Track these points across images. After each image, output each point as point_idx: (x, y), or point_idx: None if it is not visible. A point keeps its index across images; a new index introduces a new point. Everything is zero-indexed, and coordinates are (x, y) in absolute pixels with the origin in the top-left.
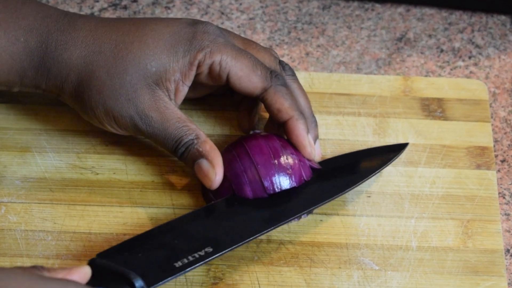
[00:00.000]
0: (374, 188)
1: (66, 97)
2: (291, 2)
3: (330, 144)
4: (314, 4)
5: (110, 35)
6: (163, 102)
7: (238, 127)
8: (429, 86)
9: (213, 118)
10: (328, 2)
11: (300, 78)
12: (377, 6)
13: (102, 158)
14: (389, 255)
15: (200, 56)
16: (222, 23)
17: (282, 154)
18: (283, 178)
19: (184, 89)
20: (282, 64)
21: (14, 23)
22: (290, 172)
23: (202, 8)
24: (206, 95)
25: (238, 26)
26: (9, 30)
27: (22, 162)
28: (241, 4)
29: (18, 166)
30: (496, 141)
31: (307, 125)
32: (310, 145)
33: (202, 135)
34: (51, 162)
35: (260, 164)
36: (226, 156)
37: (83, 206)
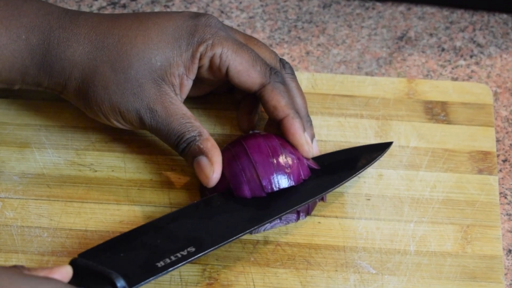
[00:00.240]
0: (374, 191)
1: (69, 94)
2: (291, 1)
3: (331, 146)
4: (314, 2)
5: (112, 30)
6: (169, 97)
7: (238, 127)
8: (433, 89)
9: (214, 117)
10: (328, 1)
11: (303, 79)
12: (378, 4)
13: (101, 156)
14: (386, 259)
15: (201, 48)
16: (222, 22)
17: (281, 154)
18: (282, 177)
19: (188, 83)
20: (282, 62)
21: (15, 21)
22: (288, 171)
23: (202, 6)
24: (207, 94)
25: (238, 25)
26: (10, 27)
27: (21, 158)
28: (241, 2)
29: (16, 161)
30: (498, 140)
31: (303, 124)
32: (307, 143)
33: (205, 133)
34: (50, 158)
35: (258, 163)
36: (225, 155)
37: (80, 203)
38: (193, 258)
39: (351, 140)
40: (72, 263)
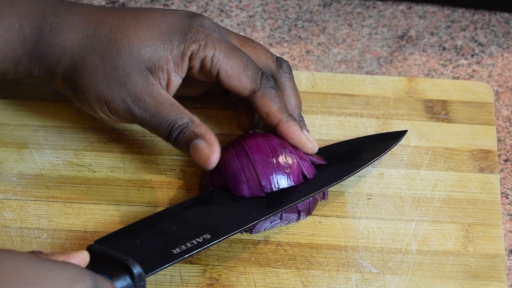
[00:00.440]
0: (375, 190)
1: (58, 81)
2: (291, 0)
3: None
4: (314, 1)
5: (105, 20)
6: (156, 87)
7: (238, 126)
8: (433, 87)
9: (213, 117)
10: (329, 0)
11: (302, 78)
12: (378, 3)
13: (100, 156)
14: (388, 258)
15: (193, 47)
16: (222, 21)
17: (281, 153)
18: (281, 177)
19: (177, 79)
20: (280, 61)
21: (8, 10)
22: (288, 171)
23: (201, 5)
24: (205, 94)
25: (238, 24)
26: (3, 17)
27: (19, 159)
28: (240, 1)
29: (15, 162)
30: (499, 140)
31: (298, 123)
32: (308, 140)
33: (197, 119)
34: (48, 159)
35: (258, 162)
36: (224, 154)
37: (79, 204)
38: (209, 245)
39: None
40: (88, 250)
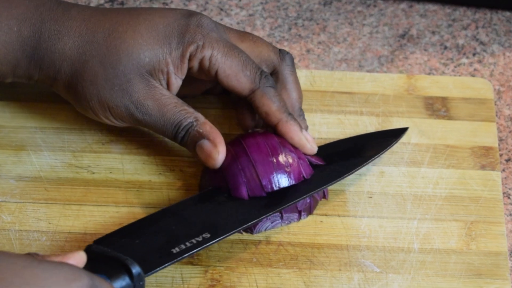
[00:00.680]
0: (376, 188)
1: (59, 88)
2: None
3: None
4: (315, 0)
5: (103, 24)
6: (158, 89)
7: (239, 125)
8: (433, 84)
9: (213, 117)
10: None
11: (301, 76)
12: (379, 2)
13: (98, 157)
14: (390, 257)
15: (191, 48)
16: (221, 20)
17: (281, 152)
18: (281, 176)
19: (177, 81)
20: (282, 53)
21: (6, 12)
22: (288, 170)
23: (201, 4)
24: (205, 93)
25: (238, 23)
26: (1, 19)
27: (17, 161)
28: (240, 0)
29: (13, 164)
30: (500, 140)
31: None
32: (308, 141)
33: (201, 117)
34: (47, 161)
35: (258, 162)
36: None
37: (79, 206)
38: (208, 244)
39: None
40: (87, 250)
